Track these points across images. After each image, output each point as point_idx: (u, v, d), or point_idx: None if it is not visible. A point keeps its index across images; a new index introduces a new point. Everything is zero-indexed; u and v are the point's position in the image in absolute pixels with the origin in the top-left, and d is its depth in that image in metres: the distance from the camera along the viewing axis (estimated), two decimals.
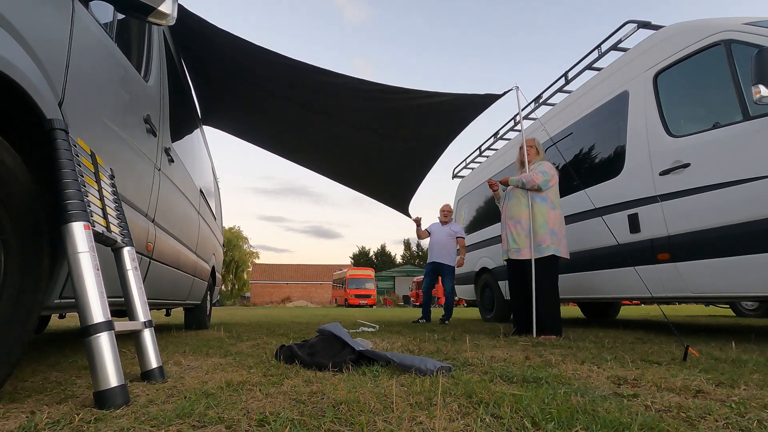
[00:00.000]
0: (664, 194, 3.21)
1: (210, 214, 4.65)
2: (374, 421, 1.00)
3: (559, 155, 4.43)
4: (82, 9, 1.47)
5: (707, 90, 3.14)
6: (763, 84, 2.38)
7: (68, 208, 1.19)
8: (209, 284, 4.81)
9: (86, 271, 1.17)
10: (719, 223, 2.80)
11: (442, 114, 4.30)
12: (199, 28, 3.33)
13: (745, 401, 1.20)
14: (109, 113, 1.71)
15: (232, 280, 41.96)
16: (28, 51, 1.16)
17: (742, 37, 2.79)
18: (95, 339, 1.15)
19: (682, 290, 3.16)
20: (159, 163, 2.40)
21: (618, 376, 1.59)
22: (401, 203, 6.13)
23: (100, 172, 1.52)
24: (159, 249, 2.48)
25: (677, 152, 3.13)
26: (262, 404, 1.15)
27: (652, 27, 3.73)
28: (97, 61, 1.59)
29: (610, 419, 0.99)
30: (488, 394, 1.27)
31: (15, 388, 1.37)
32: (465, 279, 6.95)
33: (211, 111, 4.74)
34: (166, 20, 1.66)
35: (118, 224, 1.58)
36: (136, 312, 1.54)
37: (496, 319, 5.93)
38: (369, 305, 27.59)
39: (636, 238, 3.46)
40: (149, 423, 0.98)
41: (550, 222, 3.40)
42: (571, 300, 4.86)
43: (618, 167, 3.73)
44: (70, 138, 1.28)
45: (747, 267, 2.65)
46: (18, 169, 1.14)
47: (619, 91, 3.84)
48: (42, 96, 1.20)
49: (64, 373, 1.71)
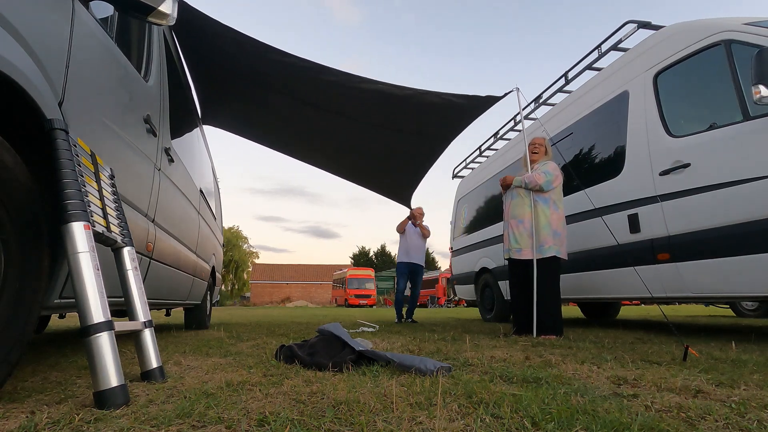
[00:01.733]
0: (664, 194, 3.21)
1: (210, 214, 4.65)
2: (374, 421, 1.00)
3: (559, 155, 4.43)
4: (82, 9, 1.47)
5: (707, 90, 3.14)
6: (763, 84, 2.38)
7: (68, 208, 1.18)
8: (209, 284, 4.81)
9: (86, 271, 1.17)
10: (719, 223, 2.80)
11: (443, 113, 4.29)
12: (200, 23, 3.32)
13: (745, 401, 1.20)
14: (109, 113, 1.71)
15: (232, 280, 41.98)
16: (28, 51, 1.16)
17: (742, 37, 2.79)
18: (95, 339, 1.15)
19: (682, 290, 3.16)
20: (159, 163, 2.40)
21: (618, 376, 1.59)
22: (402, 195, 6.16)
23: (100, 172, 1.52)
24: (159, 249, 2.48)
25: (677, 152, 3.13)
26: (262, 404, 1.15)
27: (652, 27, 3.73)
28: (97, 61, 1.59)
29: (610, 419, 0.99)
30: (488, 394, 1.27)
31: (15, 388, 1.37)
32: (465, 279, 6.95)
33: (211, 110, 4.74)
34: (166, 20, 1.66)
35: (118, 224, 1.58)
36: (136, 312, 1.54)
37: (496, 319, 5.93)
38: (369, 305, 27.60)
39: (636, 238, 3.46)
40: (149, 423, 0.98)
41: (553, 223, 3.39)
42: (571, 300, 4.86)
43: (618, 167, 3.73)
44: (70, 138, 1.28)
45: (747, 267, 2.65)
46: (18, 169, 1.14)
47: (619, 91, 3.84)
48: (42, 96, 1.20)
49: (64, 373, 1.71)
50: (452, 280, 7.83)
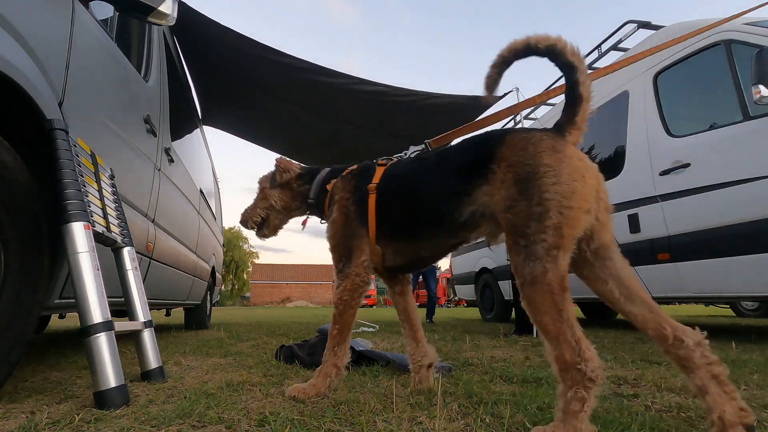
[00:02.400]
0: (664, 194, 3.21)
1: (210, 214, 4.65)
2: (374, 421, 1.00)
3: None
4: (82, 9, 1.47)
5: (707, 90, 3.13)
6: (763, 84, 2.38)
7: (68, 208, 1.18)
8: (209, 284, 4.81)
9: (86, 271, 1.17)
10: (719, 223, 2.80)
11: (443, 114, 4.30)
12: (199, 24, 3.32)
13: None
14: (109, 113, 1.71)
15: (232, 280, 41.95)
16: (28, 51, 1.16)
17: (742, 37, 2.79)
18: (95, 339, 1.15)
19: (682, 290, 3.16)
20: (159, 163, 2.40)
21: (618, 376, 1.59)
22: None
23: (100, 172, 1.52)
24: (159, 249, 2.48)
25: (677, 152, 3.13)
26: (262, 404, 1.15)
27: (652, 27, 3.73)
28: (97, 61, 1.59)
29: (610, 419, 0.99)
30: (488, 394, 1.27)
31: (15, 388, 1.37)
32: (465, 279, 6.95)
33: (211, 110, 4.73)
34: (166, 20, 1.66)
35: (118, 224, 1.58)
36: (136, 312, 1.54)
37: (496, 319, 5.93)
38: (369, 305, 27.58)
39: (636, 238, 3.46)
40: (149, 423, 0.98)
41: None
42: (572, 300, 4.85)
43: (618, 167, 3.73)
44: (70, 138, 1.28)
45: (747, 267, 2.65)
46: (18, 169, 1.14)
47: (619, 91, 3.84)
48: (42, 96, 1.20)
49: (64, 373, 1.71)
50: (452, 280, 7.83)
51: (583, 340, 0.86)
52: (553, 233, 0.87)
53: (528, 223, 0.89)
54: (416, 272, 6.08)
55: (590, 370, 0.83)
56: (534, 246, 0.88)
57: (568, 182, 0.90)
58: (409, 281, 1.49)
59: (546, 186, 0.90)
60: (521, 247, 0.90)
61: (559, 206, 0.88)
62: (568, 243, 0.88)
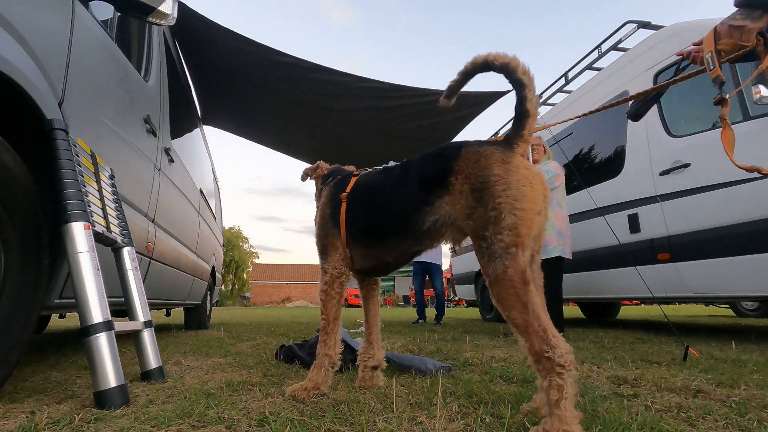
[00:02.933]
0: (664, 194, 3.21)
1: (210, 214, 4.65)
2: (374, 421, 1.00)
3: (560, 155, 4.42)
4: (82, 9, 1.47)
5: (707, 90, 3.13)
6: (763, 84, 2.38)
7: (68, 208, 1.18)
8: (209, 284, 4.81)
9: (86, 271, 1.17)
10: (719, 223, 2.80)
11: (445, 111, 4.30)
12: (199, 25, 3.33)
13: (745, 401, 1.20)
14: (109, 113, 1.71)
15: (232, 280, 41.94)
16: (28, 51, 1.16)
17: None
18: (95, 339, 1.15)
19: (682, 290, 3.16)
20: (159, 163, 2.40)
21: (618, 376, 1.59)
22: None
23: (100, 172, 1.52)
24: (159, 249, 2.48)
25: (677, 152, 3.13)
26: (262, 404, 1.15)
27: (652, 27, 3.73)
28: (97, 61, 1.59)
29: (610, 419, 0.99)
30: (488, 394, 1.27)
31: (15, 388, 1.37)
32: (465, 279, 6.95)
33: (211, 110, 4.74)
34: (166, 20, 1.66)
35: (118, 224, 1.58)
36: (136, 312, 1.54)
37: (496, 319, 5.92)
38: None
39: (636, 238, 3.46)
40: (149, 423, 0.98)
41: (557, 223, 3.38)
42: (572, 300, 4.85)
43: (618, 167, 3.73)
44: (70, 138, 1.28)
45: (747, 267, 2.65)
46: (18, 169, 1.14)
47: (619, 91, 3.84)
48: (42, 96, 1.20)
49: (64, 373, 1.71)
50: (452, 279, 7.82)
51: (550, 328, 0.90)
52: (509, 233, 0.95)
53: (486, 226, 0.98)
54: (422, 273, 6.09)
55: (558, 356, 0.86)
56: (493, 246, 0.96)
57: (517, 188, 0.98)
58: (378, 286, 1.61)
59: (498, 192, 0.98)
60: (484, 249, 0.98)
61: (512, 208, 0.96)
62: (525, 241, 0.95)
